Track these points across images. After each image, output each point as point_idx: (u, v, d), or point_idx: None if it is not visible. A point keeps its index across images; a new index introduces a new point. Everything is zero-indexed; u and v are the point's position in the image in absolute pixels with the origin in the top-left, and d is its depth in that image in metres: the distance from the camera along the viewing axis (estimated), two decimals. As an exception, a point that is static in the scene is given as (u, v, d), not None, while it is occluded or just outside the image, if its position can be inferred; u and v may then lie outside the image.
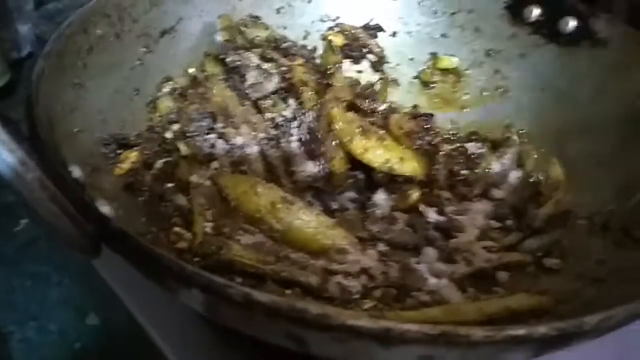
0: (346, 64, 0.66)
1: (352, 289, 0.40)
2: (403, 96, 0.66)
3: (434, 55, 0.67)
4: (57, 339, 0.67)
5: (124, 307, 0.47)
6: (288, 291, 0.39)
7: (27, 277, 0.73)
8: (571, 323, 0.28)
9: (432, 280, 0.41)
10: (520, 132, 0.59)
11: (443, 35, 0.67)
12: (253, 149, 0.46)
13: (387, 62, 0.68)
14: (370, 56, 0.67)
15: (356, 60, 0.66)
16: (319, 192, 0.47)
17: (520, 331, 0.27)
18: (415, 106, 0.63)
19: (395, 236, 0.45)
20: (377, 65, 0.67)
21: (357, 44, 0.65)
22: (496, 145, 0.58)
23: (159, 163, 0.48)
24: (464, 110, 0.65)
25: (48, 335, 0.68)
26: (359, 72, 0.67)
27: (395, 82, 0.67)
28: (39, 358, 0.66)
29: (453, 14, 0.67)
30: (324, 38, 0.66)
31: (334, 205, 0.47)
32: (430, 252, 0.45)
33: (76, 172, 0.34)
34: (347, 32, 0.65)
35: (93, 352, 0.67)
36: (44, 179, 0.26)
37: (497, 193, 0.53)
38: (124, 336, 0.60)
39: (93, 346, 0.67)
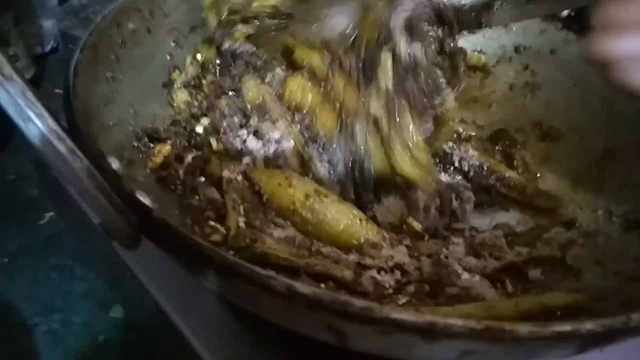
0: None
1: (385, 283, 0.39)
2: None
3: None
4: (82, 331, 0.68)
5: (149, 299, 0.47)
6: (322, 285, 0.39)
7: (51, 269, 0.74)
8: (618, 319, 0.27)
9: (465, 276, 0.41)
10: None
11: (471, 31, 0.66)
12: (289, 144, 0.46)
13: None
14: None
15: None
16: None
17: (567, 327, 0.26)
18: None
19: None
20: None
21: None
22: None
23: (189, 157, 0.48)
24: (491, 107, 0.64)
25: (72, 327, 0.68)
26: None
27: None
28: (63, 350, 0.66)
29: (481, 9, 0.66)
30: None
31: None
32: (459, 246, 0.45)
33: (115, 163, 0.35)
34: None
35: (117, 344, 0.67)
36: (92, 168, 0.26)
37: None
38: (148, 328, 0.60)
39: (117, 338, 0.68)
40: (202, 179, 0.46)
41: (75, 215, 0.55)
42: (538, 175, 0.56)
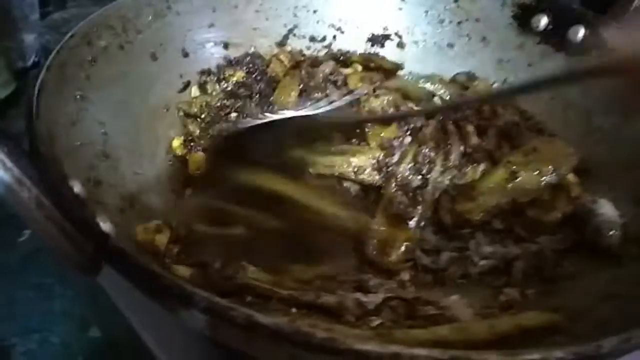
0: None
1: (368, 304, 0.39)
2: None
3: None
4: (60, 352, 0.66)
5: (123, 320, 0.46)
6: (293, 309, 0.38)
7: (30, 288, 0.72)
8: (588, 347, 0.26)
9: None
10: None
11: (450, 45, 0.66)
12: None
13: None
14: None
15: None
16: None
17: (535, 355, 0.26)
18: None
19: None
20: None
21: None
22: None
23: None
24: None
25: (51, 347, 0.67)
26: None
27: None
28: (41, 372, 0.64)
29: (460, 23, 0.66)
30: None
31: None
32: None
33: (77, 187, 0.34)
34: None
35: (96, 364, 0.66)
36: (40, 197, 0.25)
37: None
38: (126, 349, 0.59)
39: (95, 359, 0.66)
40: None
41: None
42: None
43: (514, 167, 0.49)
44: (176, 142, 0.56)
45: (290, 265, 0.43)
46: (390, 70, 0.65)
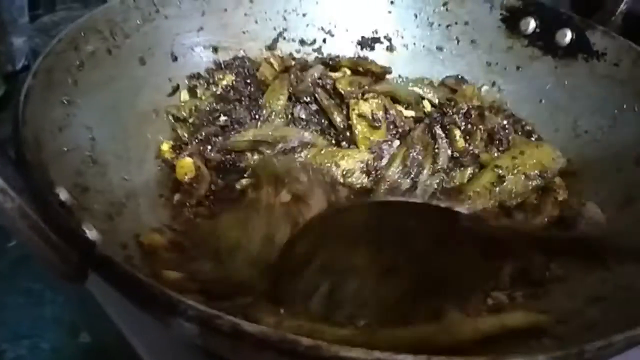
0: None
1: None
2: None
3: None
4: (50, 357, 0.66)
5: (116, 326, 0.46)
6: (282, 310, 0.38)
7: (20, 294, 0.71)
8: (570, 351, 0.27)
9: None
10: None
11: (439, 48, 0.67)
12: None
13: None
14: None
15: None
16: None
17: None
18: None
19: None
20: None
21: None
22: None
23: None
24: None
25: (41, 353, 0.66)
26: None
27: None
28: (31, 377, 0.64)
29: (449, 26, 0.67)
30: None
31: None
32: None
33: (63, 194, 0.34)
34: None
35: (86, 370, 0.66)
36: (23, 207, 0.25)
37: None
38: (116, 355, 0.59)
39: (85, 365, 0.66)
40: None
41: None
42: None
43: (501, 170, 0.49)
44: (165, 146, 0.56)
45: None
46: (379, 74, 0.65)
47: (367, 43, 0.69)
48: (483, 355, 0.28)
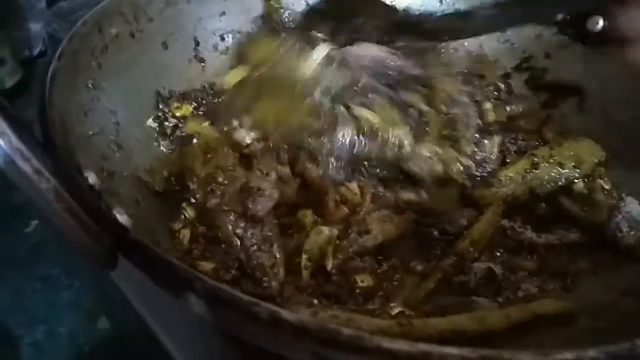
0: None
1: None
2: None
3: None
4: (67, 343, 0.66)
5: (136, 312, 0.45)
6: (315, 301, 0.37)
7: (37, 279, 0.71)
8: (622, 346, 0.26)
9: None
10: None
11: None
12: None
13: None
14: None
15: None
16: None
17: (568, 355, 0.25)
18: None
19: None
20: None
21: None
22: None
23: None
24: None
25: (58, 338, 0.66)
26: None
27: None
28: (48, 362, 0.64)
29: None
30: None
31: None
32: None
33: (92, 178, 0.33)
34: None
35: (103, 356, 0.65)
36: (59, 189, 0.24)
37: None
38: (135, 341, 0.58)
39: (103, 350, 0.66)
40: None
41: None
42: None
43: (536, 158, 0.48)
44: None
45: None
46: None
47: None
48: (524, 348, 0.27)
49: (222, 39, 0.61)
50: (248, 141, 0.47)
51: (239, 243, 0.39)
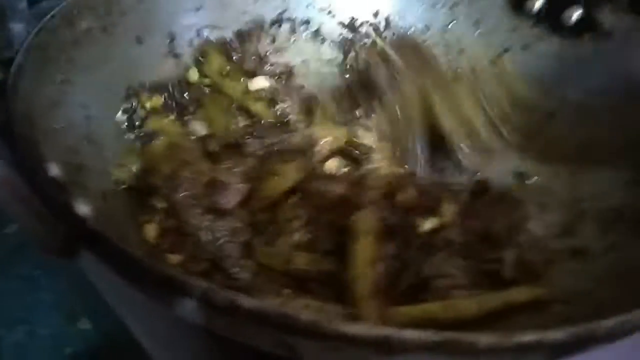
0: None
1: None
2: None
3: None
4: (48, 344, 0.66)
5: (111, 312, 0.45)
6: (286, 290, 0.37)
7: (17, 280, 0.71)
8: (585, 327, 0.25)
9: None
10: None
11: (442, 28, 0.65)
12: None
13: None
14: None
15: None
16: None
17: (530, 337, 0.25)
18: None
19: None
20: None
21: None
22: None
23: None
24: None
25: (39, 339, 0.66)
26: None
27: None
28: (28, 363, 0.64)
29: (453, 6, 0.65)
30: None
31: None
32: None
33: (53, 169, 0.32)
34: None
35: (84, 356, 0.65)
36: (11, 178, 0.24)
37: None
38: (116, 341, 0.58)
39: (84, 351, 0.65)
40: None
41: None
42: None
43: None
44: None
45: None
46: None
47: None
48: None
49: (198, 34, 0.61)
50: (202, 132, 0.47)
51: (208, 237, 0.39)
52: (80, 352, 0.65)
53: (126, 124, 0.51)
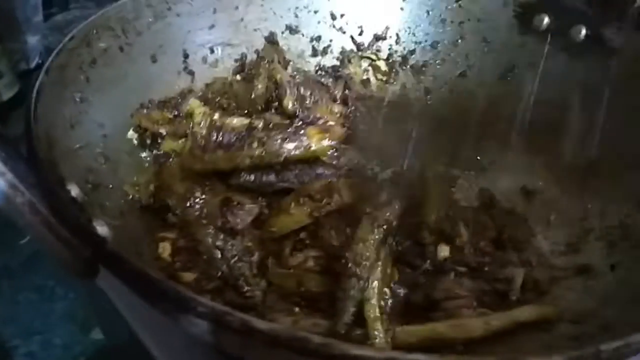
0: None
1: None
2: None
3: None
4: (62, 354, 0.67)
5: (124, 325, 0.46)
6: (296, 309, 0.38)
7: (32, 290, 0.72)
8: (587, 351, 0.26)
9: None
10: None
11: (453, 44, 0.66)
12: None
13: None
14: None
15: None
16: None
17: (534, 360, 0.25)
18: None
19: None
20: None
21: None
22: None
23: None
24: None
25: (52, 349, 0.67)
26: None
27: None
28: (42, 373, 0.65)
29: (461, 23, 0.66)
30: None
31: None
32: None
33: (74, 190, 0.34)
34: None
35: (97, 366, 0.66)
36: (34, 202, 0.25)
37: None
38: (128, 352, 0.59)
39: (97, 360, 0.66)
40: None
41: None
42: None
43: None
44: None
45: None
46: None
47: (380, 39, 0.69)
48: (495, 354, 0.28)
49: (212, 51, 0.62)
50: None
51: (219, 255, 0.40)
52: (93, 362, 0.66)
53: (137, 141, 0.52)
